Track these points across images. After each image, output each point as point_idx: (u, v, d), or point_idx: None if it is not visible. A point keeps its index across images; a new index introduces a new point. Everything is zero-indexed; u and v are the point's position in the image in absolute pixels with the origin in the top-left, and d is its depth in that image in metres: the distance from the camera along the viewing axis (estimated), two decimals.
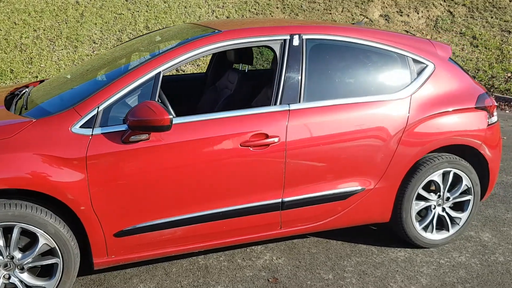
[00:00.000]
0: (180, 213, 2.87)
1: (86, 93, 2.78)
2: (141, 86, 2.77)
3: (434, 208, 3.53)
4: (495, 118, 3.62)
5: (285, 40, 3.12)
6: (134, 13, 9.29)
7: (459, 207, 3.63)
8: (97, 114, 2.66)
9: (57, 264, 2.71)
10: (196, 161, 2.83)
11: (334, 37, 3.22)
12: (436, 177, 3.45)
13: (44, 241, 2.64)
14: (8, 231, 2.60)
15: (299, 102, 3.08)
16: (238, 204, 2.99)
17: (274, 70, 3.13)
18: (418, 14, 10.49)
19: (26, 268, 2.67)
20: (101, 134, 2.65)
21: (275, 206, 3.09)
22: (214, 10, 9.69)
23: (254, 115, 2.99)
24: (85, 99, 2.70)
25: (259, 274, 3.23)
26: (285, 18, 9.81)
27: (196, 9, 9.64)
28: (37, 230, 2.61)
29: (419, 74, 3.38)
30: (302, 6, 10.14)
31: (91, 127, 2.64)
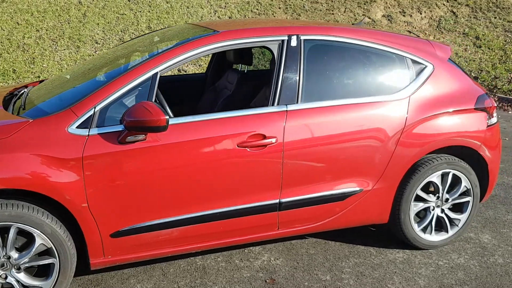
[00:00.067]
0: (177, 213, 2.87)
1: (84, 93, 2.79)
2: (138, 86, 2.77)
3: (433, 209, 3.52)
4: (495, 119, 3.60)
5: (283, 40, 3.12)
6: (136, 13, 9.30)
7: (458, 209, 3.62)
8: (93, 115, 2.67)
9: (53, 264, 2.72)
10: (192, 161, 2.83)
11: (332, 37, 3.22)
12: (435, 178, 3.43)
13: (40, 241, 2.65)
14: (4, 231, 2.61)
15: (297, 102, 3.08)
16: (235, 204, 2.98)
17: (272, 71, 3.13)
18: (421, 14, 10.45)
19: (23, 268, 2.68)
20: (97, 134, 2.65)
21: (273, 207, 3.08)
22: (216, 11, 9.69)
23: (252, 116, 2.98)
24: (81, 100, 2.70)
25: (257, 275, 3.23)
26: (286, 19, 9.80)
27: (198, 9, 9.64)
28: (33, 230, 2.62)
29: (418, 75, 3.36)
30: (304, 7, 10.13)
31: (88, 128, 2.65)
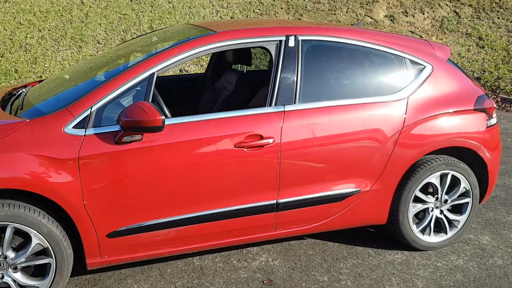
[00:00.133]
0: (173, 214, 2.86)
1: (81, 93, 2.79)
2: (135, 86, 2.77)
3: (431, 210, 3.50)
4: (495, 120, 3.58)
5: (280, 41, 3.11)
6: (138, 13, 9.32)
7: (458, 210, 3.60)
8: (90, 115, 2.67)
9: (50, 264, 2.72)
10: (189, 162, 2.82)
11: (330, 38, 3.21)
12: (433, 179, 3.42)
13: (37, 241, 2.65)
14: (1, 231, 2.61)
15: (295, 103, 3.07)
16: (232, 205, 2.98)
17: (269, 71, 3.12)
18: (423, 14, 10.42)
19: (19, 267, 2.68)
20: (94, 134, 2.65)
21: (270, 207, 3.08)
22: (218, 11, 9.69)
23: (249, 116, 2.98)
24: (78, 100, 2.70)
25: (254, 276, 3.22)
26: (287, 19, 9.79)
27: (200, 9, 9.64)
28: (30, 230, 2.62)
29: (417, 75, 3.35)
30: (306, 7, 10.11)
31: (84, 128, 2.65)
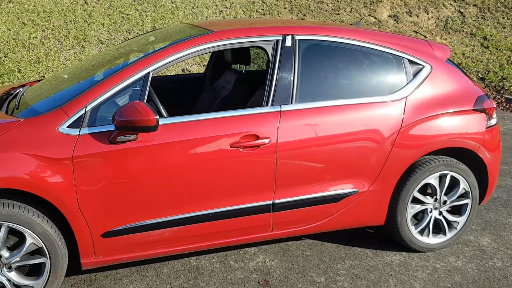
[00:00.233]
0: (168, 214, 2.85)
1: (77, 93, 2.78)
2: (129, 86, 2.76)
3: (430, 211, 3.47)
4: (495, 121, 3.55)
5: (277, 40, 3.09)
6: (141, 13, 9.32)
7: (457, 211, 3.57)
8: (84, 114, 2.66)
9: (44, 263, 2.71)
10: (184, 162, 2.81)
11: (328, 38, 3.19)
12: (432, 180, 3.39)
13: (31, 240, 2.65)
14: None
15: (291, 103, 3.05)
16: (228, 205, 2.96)
17: (266, 71, 3.11)
18: (427, 14, 10.36)
19: (14, 267, 2.68)
20: (88, 134, 2.64)
21: (266, 207, 3.06)
22: (221, 11, 9.68)
23: (245, 116, 2.96)
24: (73, 99, 2.70)
25: (251, 276, 3.20)
26: (287, 19, 9.76)
27: (203, 9, 9.64)
28: (24, 229, 2.62)
29: (415, 75, 3.32)
30: (310, 7, 10.09)
31: (79, 127, 2.64)
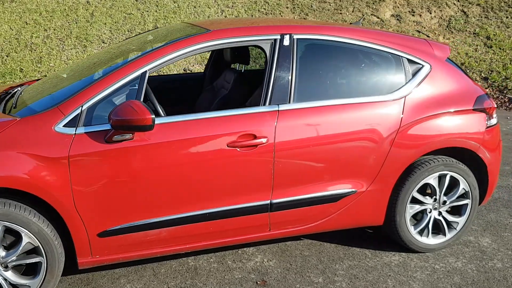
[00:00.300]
0: (165, 214, 2.84)
1: (73, 92, 2.78)
2: (126, 85, 2.76)
3: (430, 211, 3.45)
4: (495, 120, 3.52)
5: (275, 39, 3.08)
6: (143, 13, 9.32)
7: (457, 211, 3.54)
8: (80, 113, 2.66)
9: (41, 262, 2.71)
10: (181, 161, 2.80)
11: (326, 37, 3.17)
12: (431, 180, 3.36)
13: (27, 239, 2.64)
14: None
15: (289, 102, 3.04)
16: (225, 205, 2.95)
17: (264, 70, 3.09)
18: (430, 14, 10.32)
19: (10, 266, 2.68)
20: (84, 133, 2.64)
21: (264, 207, 3.04)
22: (223, 10, 9.67)
23: (242, 116, 2.95)
24: (69, 98, 2.69)
25: (248, 277, 3.19)
26: (289, 18, 9.74)
27: (205, 9, 9.63)
28: (20, 228, 2.61)
29: (414, 75, 3.30)
30: (312, 6, 10.06)
31: (75, 126, 2.64)
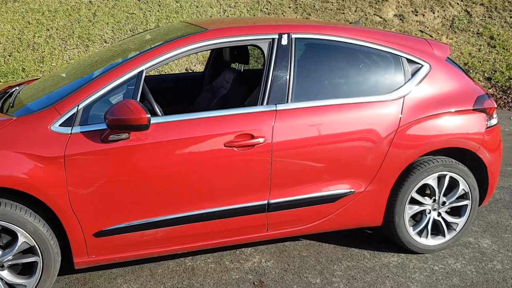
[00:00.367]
0: (161, 214, 2.83)
1: (70, 91, 2.77)
2: (123, 84, 2.75)
3: (429, 212, 3.42)
4: (495, 120, 3.49)
5: (273, 39, 3.06)
6: (146, 12, 9.33)
7: (456, 212, 3.52)
8: (76, 113, 2.65)
9: (37, 262, 2.70)
10: (178, 161, 2.79)
11: (325, 36, 3.15)
12: (430, 180, 3.34)
13: (23, 239, 2.64)
14: None
15: (287, 102, 3.02)
16: (222, 205, 2.94)
17: (262, 70, 3.08)
18: (434, 13, 10.27)
19: (6, 266, 2.67)
20: (80, 132, 2.63)
21: (261, 207, 3.03)
22: (225, 10, 9.66)
23: (239, 115, 2.94)
24: (65, 98, 2.69)
25: (245, 277, 3.18)
26: (295, 18, 9.72)
27: (207, 8, 9.62)
28: (16, 228, 2.61)
29: (414, 74, 3.27)
30: (314, 6, 10.04)
31: (71, 126, 2.63)
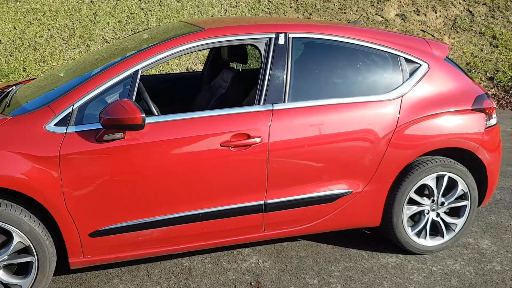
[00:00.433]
0: (157, 214, 2.82)
1: (65, 91, 2.76)
2: (118, 83, 2.74)
3: (427, 213, 3.40)
4: (495, 121, 3.46)
5: (270, 38, 3.05)
6: (147, 12, 9.32)
7: (455, 213, 3.49)
8: (71, 112, 2.64)
9: (32, 262, 2.70)
10: (173, 161, 2.77)
11: (322, 36, 3.13)
12: (429, 181, 3.32)
13: (18, 239, 2.63)
14: None
15: (284, 102, 3.00)
16: (218, 205, 2.92)
17: (259, 69, 3.06)
18: (436, 13, 10.23)
19: (1, 266, 2.67)
20: (75, 132, 2.62)
21: (258, 208, 3.01)
22: (227, 10, 9.65)
23: (236, 115, 2.92)
24: (60, 97, 2.68)
25: (242, 278, 3.16)
26: (296, 17, 9.69)
27: (209, 8, 9.61)
28: (11, 228, 2.60)
29: (412, 74, 3.25)
30: (316, 6, 10.01)
31: (66, 125, 2.62)
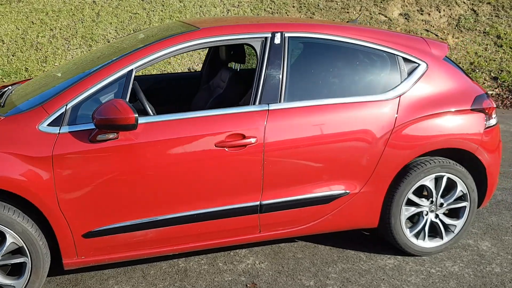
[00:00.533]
0: (151, 215, 2.80)
1: (59, 91, 2.75)
2: (111, 83, 2.72)
3: (426, 214, 3.36)
4: (494, 121, 3.42)
5: (266, 38, 3.02)
6: (149, 12, 9.32)
7: (454, 214, 3.45)
8: (65, 112, 2.63)
9: (25, 263, 2.69)
10: (167, 161, 2.75)
11: (318, 35, 3.10)
12: (427, 181, 3.28)
13: (11, 239, 2.62)
14: None
15: (280, 102, 2.98)
16: (213, 206, 2.90)
17: (255, 69, 3.04)
18: (439, 12, 10.17)
19: None
20: (68, 132, 2.60)
21: (253, 208, 2.99)
22: (229, 9, 9.63)
23: (231, 115, 2.90)
24: (53, 97, 2.67)
25: (238, 279, 3.14)
26: (298, 17, 9.66)
27: (211, 8, 9.59)
28: (4, 228, 2.59)
29: (410, 74, 3.22)
30: (319, 5, 9.98)
31: (59, 126, 2.61)
